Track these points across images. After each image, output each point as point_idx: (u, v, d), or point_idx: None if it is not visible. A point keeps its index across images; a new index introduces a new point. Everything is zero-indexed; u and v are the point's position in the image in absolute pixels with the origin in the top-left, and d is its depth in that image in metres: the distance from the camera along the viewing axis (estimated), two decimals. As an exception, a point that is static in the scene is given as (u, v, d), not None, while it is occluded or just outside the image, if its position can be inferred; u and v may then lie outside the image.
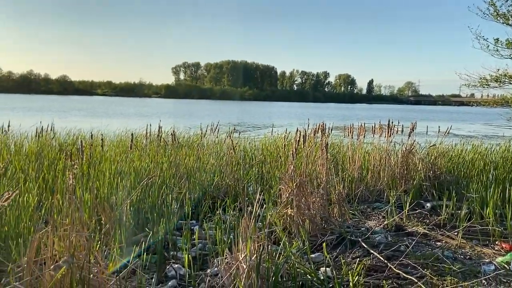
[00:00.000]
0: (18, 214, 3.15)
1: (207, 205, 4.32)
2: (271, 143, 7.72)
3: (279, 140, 7.58)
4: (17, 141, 6.99)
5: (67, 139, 7.83)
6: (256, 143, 7.86)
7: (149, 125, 6.60)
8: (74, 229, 2.29)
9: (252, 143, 7.89)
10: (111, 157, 5.30)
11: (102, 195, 3.69)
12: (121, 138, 8.26)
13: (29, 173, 4.50)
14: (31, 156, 5.54)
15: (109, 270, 2.51)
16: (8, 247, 2.73)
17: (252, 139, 8.74)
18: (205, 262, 3.12)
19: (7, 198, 2.47)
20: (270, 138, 8.29)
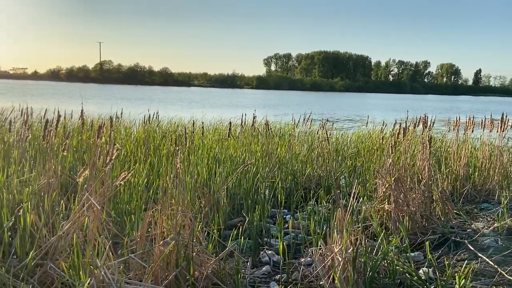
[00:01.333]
0: (130, 193, 3.49)
1: (299, 195, 4.33)
2: (365, 135, 7.47)
3: (373, 133, 7.31)
4: (127, 127, 7.72)
5: (168, 127, 8.43)
6: (349, 135, 7.66)
7: (244, 114, 6.80)
8: (180, 210, 2.46)
9: (344, 135, 7.71)
10: (209, 145, 5.59)
11: (201, 180, 3.91)
12: (217, 127, 8.66)
13: (138, 157, 4.94)
14: (139, 141, 6.07)
15: (209, 250, 2.65)
16: (122, 222, 3.04)
17: (345, 131, 8.55)
18: (297, 251, 3.14)
19: (123, 178, 2.74)
20: (364, 130, 8.02)
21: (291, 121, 8.73)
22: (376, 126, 7.96)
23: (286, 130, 8.25)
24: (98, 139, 3.83)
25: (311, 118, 7.36)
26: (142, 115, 8.80)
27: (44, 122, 5.92)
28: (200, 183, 3.81)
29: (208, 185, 3.88)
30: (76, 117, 7.64)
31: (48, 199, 2.96)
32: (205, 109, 23.15)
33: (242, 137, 6.40)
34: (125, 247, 2.53)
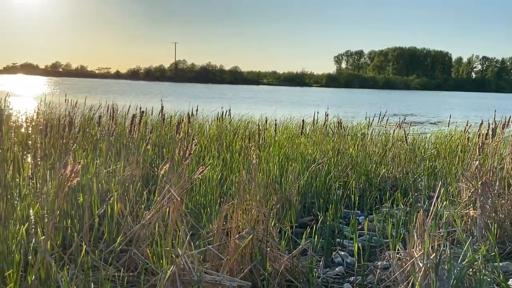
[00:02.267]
0: (205, 187, 3.62)
1: (373, 196, 4.19)
2: (445, 135, 7.02)
3: (455, 133, 6.84)
4: (200, 124, 8.01)
5: (239, 124, 8.60)
6: (427, 135, 7.25)
7: (316, 112, 6.72)
8: (254, 205, 2.50)
9: (422, 135, 7.31)
10: (280, 142, 5.61)
11: (273, 177, 3.93)
12: (286, 125, 8.66)
13: (212, 152, 5.10)
14: (212, 137, 6.26)
15: (282, 247, 2.66)
16: (199, 214, 3.16)
17: (422, 130, 8.11)
18: (372, 254, 3.04)
19: (201, 172, 2.85)
20: (444, 130, 7.54)
21: (363, 120, 8.48)
22: (458, 127, 7.44)
23: (359, 129, 8.03)
24: (177, 135, 4.01)
25: (385, 117, 7.09)
26: (214, 113, 9.08)
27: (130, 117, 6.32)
28: (272, 180, 3.84)
29: (280, 182, 3.90)
30: (154, 114, 8.10)
31: (132, 190, 3.17)
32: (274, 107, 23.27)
33: (312, 135, 6.34)
34: (202, 238, 2.62)
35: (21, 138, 5.27)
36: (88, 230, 2.78)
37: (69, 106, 8.17)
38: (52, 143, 4.78)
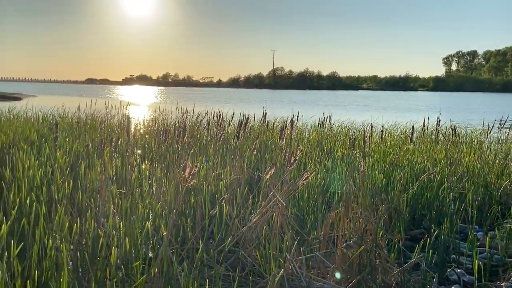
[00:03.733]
0: (308, 192, 3.61)
1: (494, 211, 3.78)
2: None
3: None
4: (299, 130, 8.04)
5: (340, 130, 8.44)
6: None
7: (427, 118, 6.31)
8: (362, 214, 2.43)
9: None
10: (385, 149, 5.37)
11: (380, 185, 3.78)
12: (391, 131, 8.27)
13: (313, 158, 5.08)
14: (313, 143, 6.24)
15: (391, 259, 2.54)
16: (303, 220, 3.16)
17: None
18: (493, 273, 2.74)
19: (306, 178, 2.85)
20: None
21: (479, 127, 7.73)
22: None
23: (473, 136, 7.32)
24: (280, 140, 4.06)
25: (506, 123, 6.36)
26: (312, 119, 9.04)
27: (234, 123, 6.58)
28: (379, 188, 3.69)
29: (386, 191, 3.73)
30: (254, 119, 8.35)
31: (240, 193, 3.30)
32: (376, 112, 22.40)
33: (420, 143, 5.95)
34: (307, 244, 2.62)
35: (140, 142, 5.84)
36: (200, 229, 2.97)
37: (179, 113, 8.85)
38: (167, 147, 5.21)
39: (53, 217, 2.86)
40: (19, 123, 7.04)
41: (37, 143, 5.25)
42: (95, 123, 7.72)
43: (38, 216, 2.76)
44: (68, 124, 7.28)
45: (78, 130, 6.56)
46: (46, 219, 2.66)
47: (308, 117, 9.58)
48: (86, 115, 9.31)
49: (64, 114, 9.21)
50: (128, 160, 4.18)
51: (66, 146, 4.89)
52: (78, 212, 3.31)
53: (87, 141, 5.22)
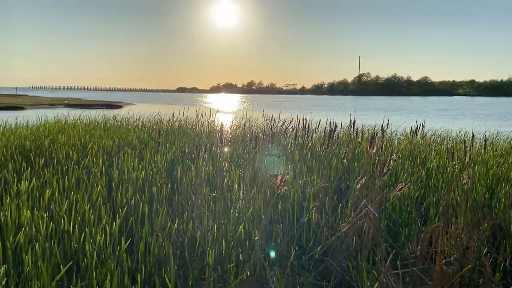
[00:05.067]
0: (400, 204, 3.46)
1: None
2: None
3: None
4: (389, 138, 7.70)
5: (433, 139, 7.93)
6: None
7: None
8: (465, 230, 2.26)
9: None
10: (487, 161, 4.93)
11: (482, 199, 3.48)
12: (492, 140, 7.57)
13: (405, 168, 4.84)
14: (404, 152, 5.95)
15: (496, 280, 2.33)
16: (396, 233, 3.04)
17: None
18: None
19: (400, 189, 2.74)
20: None
21: None
22: None
23: None
24: (370, 149, 3.95)
25: None
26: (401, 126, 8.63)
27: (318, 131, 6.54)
28: (482, 203, 3.40)
29: (490, 206, 3.42)
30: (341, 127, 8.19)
31: (328, 202, 3.27)
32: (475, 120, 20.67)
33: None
34: (401, 258, 2.51)
35: (230, 148, 6.08)
36: (287, 235, 3.00)
37: (265, 120, 9.03)
38: (254, 153, 5.35)
39: (154, 216, 3.10)
40: (123, 129, 7.76)
41: (138, 148, 5.74)
42: (188, 129, 8.21)
43: (143, 215, 3.02)
44: (163, 130, 7.84)
45: (173, 136, 7.03)
46: (149, 218, 2.90)
47: (398, 125, 9.17)
48: (179, 121, 9.93)
49: (160, 120, 9.93)
50: (219, 165, 4.38)
51: (164, 151, 5.27)
52: (175, 212, 3.55)
53: (183, 147, 5.57)
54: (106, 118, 10.12)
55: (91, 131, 7.23)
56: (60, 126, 7.99)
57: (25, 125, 8.38)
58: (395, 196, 2.93)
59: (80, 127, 7.90)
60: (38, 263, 2.06)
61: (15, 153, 5.21)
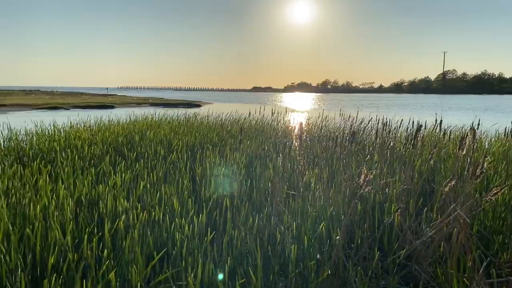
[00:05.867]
0: (493, 210, 3.20)
1: None
2: None
3: None
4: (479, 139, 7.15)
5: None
6: None
7: None
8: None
9: None
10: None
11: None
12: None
13: (499, 172, 4.47)
14: (497, 155, 5.49)
15: None
16: (489, 240, 2.82)
17: None
18: None
19: (496, 193, 2.54)
20: None
21: None
22: None
23: None
24: (460, 150, 3.71)
25: None
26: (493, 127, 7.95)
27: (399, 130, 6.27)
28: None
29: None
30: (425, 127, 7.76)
31: (412, 204, 3.14)
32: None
33: None
34: (494, 267, 2.34)
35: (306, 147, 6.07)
36: (369, 236, 2.93)
37: (342, 120, 8.86)
38: (331, 153, 5.29)
39: (235, 211, 3.22)
40: (203, 127, 8.12)
41: (219, 145, 5.98)
42: (265, 127, 8.34)
43: (225, 209, 3.15)
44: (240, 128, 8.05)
45: (251, 133, 7.20)
46: (231, 212, 3.02)
47: (489, 126, 8.48)
48: (256, 120, 10.13)
49: (238, 119, 10.21)
50: (297, 164, 4.39)
51: (243, 148, 5.42)
52: (255, 208, 3.64)
53: (262, 144, 5.68)
54: (188, 116, 10.65)
55: (175, 128, 7.67)
56: (148, 123, 8.58)
57: (116, 122, 9.13)
58: (488, 201, 2.73)
59: (165, 124, 8.41)
60: (134, 249, 2.25)
61: (110, 148, 5.71)
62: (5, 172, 3.95)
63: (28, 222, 2.68)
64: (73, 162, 4.65)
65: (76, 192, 3.28)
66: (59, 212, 2.82)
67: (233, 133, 7.24)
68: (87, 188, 3.43)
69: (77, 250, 2.38)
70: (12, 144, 6.16)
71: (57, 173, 4.09)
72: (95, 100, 36.40)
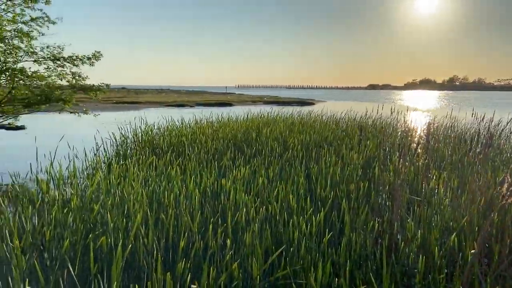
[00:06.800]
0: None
1: None
2: None
3: None
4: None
5: None
6: None
7: None
8: None
9: None
10: None
11: None
12: None
13: None
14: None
15: None
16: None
17: None
18: None
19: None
20: None
21: None
22: None
23: None
24: None
25: None
26: None
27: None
28: None
29: None
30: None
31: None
32: None
33: None
34: None
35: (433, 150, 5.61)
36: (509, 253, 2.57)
37: (475, 120, 7.97)
38: (461, 157, 4.80)
39: (352, 213, 3.11)
40: (317, 125, 8.06)
41: (334, 144, 5.87)
42: (383, 127, 7.94)
43: (342, 210, 3.07)
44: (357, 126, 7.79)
45: (367, 133, 6.92)
46: (349, 214, 2.93)
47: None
48: (372, 119, 9.71)
49: (353, 117, 9.92)
50: (421, 167, 4.08)
51: (360, 148, 5.24)
52: (374, 212, 3.48)
53: (381, 145, 5.42)
54: (302, 114, 10.69)
55: (289, 126, 7.77)
56: (263, 121, 8.85)
57: (234, 119, 9.60)
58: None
59: (280, 122, 8.58)
60: (254, 242, 2.32)
61: (229, 143, 6.03)
62: (143, 163, 4.44)
63: (161, 209, 2.97)
64: (199, 156, 5.02)
65: (202, 184, 3.53)
66: (188, 201, 3.06)
67: (348, 132, 7.05)
68: (211, 180, 3.66)
69: (202, 238, 2.55)
70: (147, 137, 6.92)
71: (185, 165, 4.46)
72: (215, 98, 38.92)
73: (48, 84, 10.38)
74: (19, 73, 10.04)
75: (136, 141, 6.98)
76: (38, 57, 10.31)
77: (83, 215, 2.77)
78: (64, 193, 3.42)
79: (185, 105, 29.23)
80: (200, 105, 29.51)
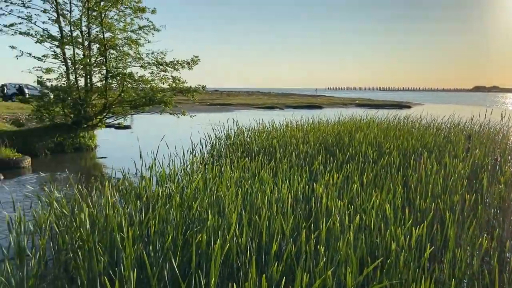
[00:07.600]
0: None
1: None
2: None
3: None
4: None
5: None
6: None
7: None
8: None
9: None
10: None
11: None
12: None
13: None
14: None
15: None
16: None
17: None
18: None
19: None
20: None
21: None
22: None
23: None
24: None
25: None
26: None
27: None
28: None
29: None
30: None
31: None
32: None
33: None
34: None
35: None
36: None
37: None
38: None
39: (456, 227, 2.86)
40: (415, 131, 7.58)
41: (435, 151, 5.47)
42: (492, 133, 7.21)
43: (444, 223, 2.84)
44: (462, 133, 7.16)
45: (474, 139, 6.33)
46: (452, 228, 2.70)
47: None
48: (479, 124, 8.86)
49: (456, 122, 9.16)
50: None
51: (468, 157, 4.80)
52: (480, 226, 3.17)
53: (492, 153, 4.93)
54: (398, 118, 10.15)
55: (385, 131, 7.42)
56: (356, 124, 8.58)
57: (325, 123, 9.46)
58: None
59: (374, 126, 8.24)
60: (348, 251, 2.25)
61: (320, 147, 5.95)
62: (236, 164, 4.58)
63: (254, 210, 3.03)
64: (290, 159, 5.04)
65: (293, 187, 3.53)
66: (279, 204, 3.08)
67: (452, 139, 6.50)
68: (302, 184, 3.65)
69: (294, 242, 2.54)
70: (239, 139, 7.14)
71: (276, 167, 4.51)
72: (305, 100, 38.80)
73: (152, 87, 11.31)
74: (128, 77, 11.09)
75: (229, 142, 7.24)
76: (144, 62, 11.29)
77: (183, 212, 2.95)
78: (165, 190, 3.67)
79: (274, 107, 29.61)
80: (290, 107, 29.64)
